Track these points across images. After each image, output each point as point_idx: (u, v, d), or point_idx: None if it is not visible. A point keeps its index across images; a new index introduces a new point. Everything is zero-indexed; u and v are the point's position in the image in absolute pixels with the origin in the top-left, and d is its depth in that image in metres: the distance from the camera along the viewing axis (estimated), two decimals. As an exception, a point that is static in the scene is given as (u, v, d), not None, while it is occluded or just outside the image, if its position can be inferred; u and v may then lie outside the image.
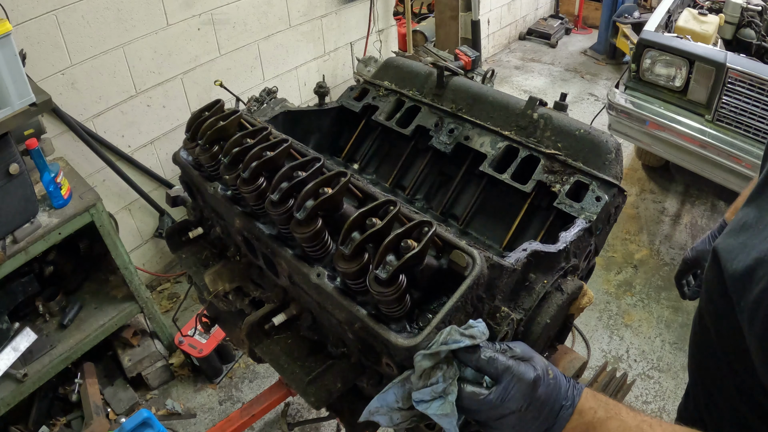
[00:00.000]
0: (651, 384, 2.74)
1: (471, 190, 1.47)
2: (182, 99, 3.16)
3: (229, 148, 1.07)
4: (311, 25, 3.78)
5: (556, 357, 1.28)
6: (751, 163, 2.73)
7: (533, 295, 1.05)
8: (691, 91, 2.93)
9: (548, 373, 0.79)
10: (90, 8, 2.57)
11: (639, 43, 3.07)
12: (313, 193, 0.93)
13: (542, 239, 1.30)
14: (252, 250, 1.18)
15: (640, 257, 3.50)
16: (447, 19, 4.60)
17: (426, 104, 1.54)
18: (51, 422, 2.50)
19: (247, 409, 2.21)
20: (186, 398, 2.73)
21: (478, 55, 4.37)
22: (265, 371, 2.85)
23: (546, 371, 0.79)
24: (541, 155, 1.33)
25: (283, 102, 1.70)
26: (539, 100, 1.42)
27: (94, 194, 2.24)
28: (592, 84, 5.52)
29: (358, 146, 1.68)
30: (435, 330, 0.81)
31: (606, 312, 3.14)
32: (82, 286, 2.63)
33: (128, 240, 3.09)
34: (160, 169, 3.19)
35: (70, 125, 2.60)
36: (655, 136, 3.08)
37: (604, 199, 1.23)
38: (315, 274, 0.95)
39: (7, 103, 1.79)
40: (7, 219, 2.00)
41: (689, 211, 3.88)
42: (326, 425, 2.58)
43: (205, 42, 3.15)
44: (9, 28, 1.69)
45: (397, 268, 0.79)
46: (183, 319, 3.01)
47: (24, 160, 2.01)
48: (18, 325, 2.27)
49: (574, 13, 6.76)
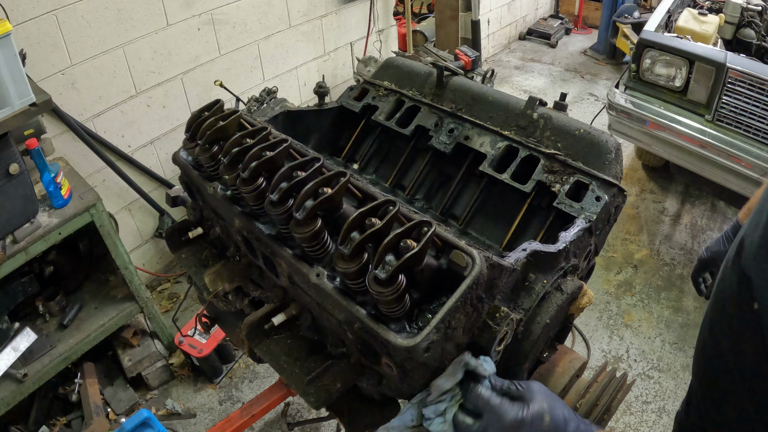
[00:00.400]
0: (651, 384, 2.74)
1: (471, 190, 1.47)
2: (182, 99, 3.16)
3: (229, 148, 1.07)
4: (311, 25, 3.78)
5: (556, 357, 1.27)
6: (751, 163, 2.72)
7: (533, 295, 1.05)
8: (691, 91, 2.93)
9: (543, 418, 0.79)
10: (90, 8, 2.57)
11: (639, 43, 3.06)
12: (312, 193, 0.93)
13: (542, 239, 1.30)
14: (252, 250, 1.18)
15: (640, 257, 3.50)
16: (447, 19, 4.60)
17: (426, 104, 1.54)
18: (51, 422, 2.50)
19: (247, 409, 2.21)
20: (186, 398, 2.73)
21: (478, 55, 4.37)
22: (265, 371, 2.85)
23: (540, 416, 0.79)
24: (541, 155, 1.33)
25: (283, 102, 1.70)
26: (539, 100, 1.42)
27: (94, 194, 2.24)
28: (592, 84, 5.52)
29: (357, 146, 1.68)
30: (434, 330, 0.82)
31: (606, 312, 3.14)
32: (82, 286, 2.63)
33: (128, 240, 3.09)
34: (160, 169, 3.19)
35: (70, 125, 2.60)
36: (655, 136, 3.08)
37: (604, 199, 1.23)
38: (314, 274, 0.95)
39: (7, 103, 1.79)
40: (7, 219, 2.00)
41: (689, 211, 3.88)
42: (326, 425, 2.58)
43: (205, 42, 3.15)
44: (9, 28, 1.69)
45: (396, 268, 0.79)
46: (183, 319, 3.01)
47: (24, 160, 2.01)
48: (18, 325, 2.27)
49: (574, 13, 6.76)
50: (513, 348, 1.04)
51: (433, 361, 0.85)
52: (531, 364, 1.12)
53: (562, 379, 1.19)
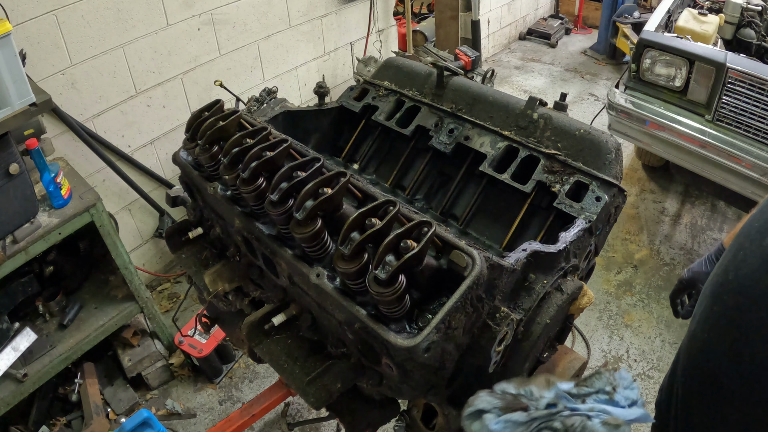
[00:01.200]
0: (651, 384, 2.74)
1: (471, 190, 1.47)
2: (182, 99, 3.16)
3: (229, 148, 1.07)
4: (311, 25, 3.78)
5: (556, 357, 1.28)
6: (751, 163, 2.72)
7: (533, 295, 1.05)
8: (691, 91, 2.93)
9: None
10: (90, 8, 2.57)
11: (639, 43, 3.06)
12: (312, 193, 0.93)
13: (542, 239, 1.30)
14: (252, 250, 1.18)
15: (640, 257, 3.50)
16: (447, 19, 4.60)
17: (426, 104, 1.54)
18: (51, 422, 2.50)
19: (247, 409, 2.21)
20: (186, 398, 2.73)
21: (478, 55, 4.37)
22: (265, 371, 2.85)
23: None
24: (541, 155, 1.33)
25: (283, 102, 1.70)
26: (539, 100, 1.42)
27: (94, 194, 2.24)
28: (592, 84, 5.52)
29: (358, 146, 1.68)
30: (434, 330, 0.81)
31: (606, 312, 3.14)
32: (82, 286, 2.63)
33: (128, 240, 3.09)
34: (160, 169, 3.19)
35: (70, 125, 2.60)
36: (655, 136, 3.08)
37: (604, 199, 1.23)
38: (314, 275, 0.95)
39: (7, 103, 1.78)
40: (7, 219, 1.99)
41: (689, 211, 3.88)
42: (326, 425, 2.58)
43: (205, 42, 3.15)
44: (9, 28, 1.69)
45: (396, 269, 0.79)
46: (183, 319, 3.01)
47: (24, 160, 2.01)
48: (18, 325, 2.27)
49: (574, 13, 6.76)
50: (513, 348, 1.04)
51: (433, 362, 0.85)
52: (531, 364, 1.12)
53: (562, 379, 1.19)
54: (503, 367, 1.05)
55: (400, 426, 1.21)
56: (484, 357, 0.96)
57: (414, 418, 1.17)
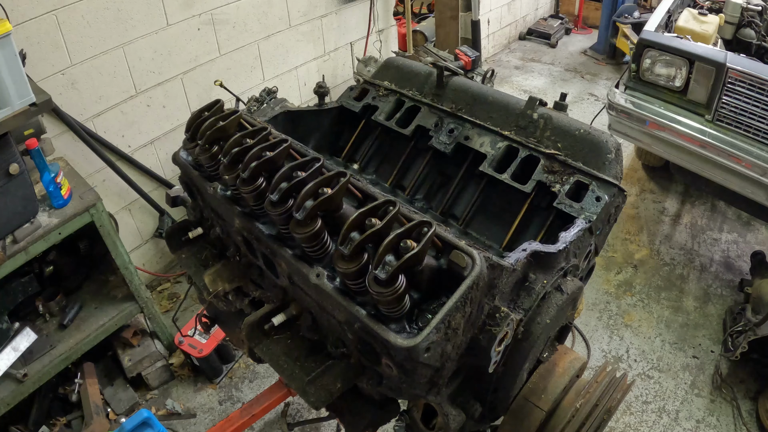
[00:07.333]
0: (651, 384, 2.74)
1: (471, 190, 1.47)
2: (182, 99, 3.16)
3: (229, 149, 1.07)
4: (311, 25, 3.78)
5: (556, 357, 1.28)
6: (751, 163, 2.72)
7: (533, 295, 1.05)
8: (691, 91, 2.93)
9: None
10: (90, 8, 2.57)
11: (639, 43, 3.06)
12: (312, 193, 0.93)
13: (542, 239, 1.30)
14: (252, 250, 1.18)
15: (640, 257, 3.50)
16: (447, 19, 4.60)
17: (426, 104, 1.54)
18: (51, 422, 2.50)
19: (247, 409, 2.21)
20: (186, 398, 2.73)
21: (478, 55, 4.37)
22: (265, 371, 2.85)
23: None
24: (541, 155, 1.33)
25: (283, 102, 1.70)
26: (539, 100, 1.42)
27: (94, 194, 2.24)
28: (592, 84, 5.52)
29: (358, 146, 1.68)
30: (434, 330, 0.81)
31: (606, 312, 3.14)
32: (82, 286, 2.63)
33: (128, 240, 3.09)
34: (160, 169, 3.19)
35: (70, 125, 2.60)
36: (655, 136, 3.07)
37: (604, 199, 1.23)
38: (314, 275, 0.95)
39: (7, 103, 1.78)
40: (7, 219, 1.99)
41: (689, 211, 3.88)
42: (326, 425, 2.58)
43: (205, 42, 3.15)
44: (9, 28, 1.69)
45: (396, 269, 0.79)
46: (183, 319, 3.01)
47: (24, 160, 2.01)
48: (18, 325, 2.27)
49: (574, 13, 6.76)
50: (513, 348, 1.04)
51: (433, 362, 0.85)
52: (531, 364, 1.12)
53: (562, 379, 1.19)
54: (503, 366, 1.05)
55: (400, 426, 1.21)
56: (484, 357, 0.96)
57: (414, 418, 1.17)
